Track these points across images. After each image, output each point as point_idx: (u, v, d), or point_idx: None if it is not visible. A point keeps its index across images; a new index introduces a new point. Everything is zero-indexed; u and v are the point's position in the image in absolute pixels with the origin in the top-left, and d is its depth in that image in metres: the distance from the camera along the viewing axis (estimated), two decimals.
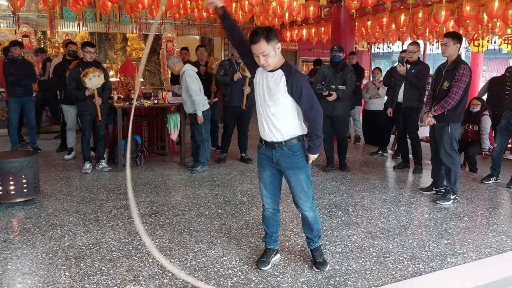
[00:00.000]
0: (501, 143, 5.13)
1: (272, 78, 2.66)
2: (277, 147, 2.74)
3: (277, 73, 2.65)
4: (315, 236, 2.97)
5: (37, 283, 2.71)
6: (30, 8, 9.04)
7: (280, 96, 2.63)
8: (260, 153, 2.87)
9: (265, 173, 2.86)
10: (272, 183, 2.87)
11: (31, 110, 6.56)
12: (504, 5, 6.11)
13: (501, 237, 3.57)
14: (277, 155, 2.76)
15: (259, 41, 2.54)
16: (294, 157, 2.75)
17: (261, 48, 2.55)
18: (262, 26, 2.64)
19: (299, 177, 2.79)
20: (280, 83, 2.62)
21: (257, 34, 2.54)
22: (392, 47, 11.96)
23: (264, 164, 2.85)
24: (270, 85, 2.66)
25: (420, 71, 5.44)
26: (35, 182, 4.25)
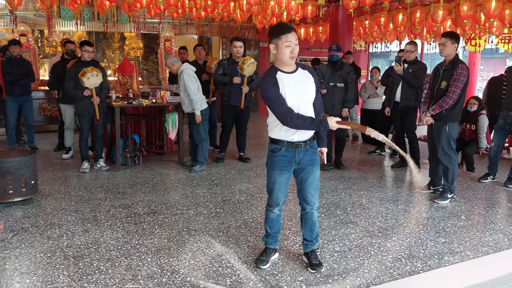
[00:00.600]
0: (498, 142, 5.15)
1: (301, 78, 2.70)
2: (302, 146, 2.75)
3: (301, 72, 2.72)
4: (314, 238, 2.97)
5: (35, 282, 2.71)
6: (27, 7, 9.02)
7: (311, 94, 2.73)
8: (279, 156, 2.77)
9: (283, 176, 2.81)
10: (286, 185, 2.87)
11: (29, 110, 6.55)
12: (501, 5, 6.15)
13: (498, 236, 3.59)
14: (301, 155, 2.76)
15: (292, 30, 2.62)
16: (313, 154, 2.82)
17: (295, 37, 2.63)
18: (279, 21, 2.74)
19: (316, 173, 2.84)
20: (309, 81, 2.72)
21: (287, 25, 2.65)
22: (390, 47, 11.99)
23: (283, 167, 2.78)
24: (304, 84, 2.70)
25: (417, 70, 5.47)
26: (33, 181, 4.24)
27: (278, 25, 2.69)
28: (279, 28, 2.63)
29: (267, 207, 2.94)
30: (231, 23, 10.58)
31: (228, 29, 11.04)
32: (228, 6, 7.29)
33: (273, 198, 2.88)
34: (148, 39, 10.92)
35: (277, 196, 2.86)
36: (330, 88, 5.50)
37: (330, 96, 5.50)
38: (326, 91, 5.48)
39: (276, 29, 2.64)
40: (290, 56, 2.62)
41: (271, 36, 2.66)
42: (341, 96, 5.53)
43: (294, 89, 2.65)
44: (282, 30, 2.60)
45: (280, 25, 2.67)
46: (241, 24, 10.48)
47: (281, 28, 2.62)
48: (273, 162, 2.81)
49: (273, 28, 2.68)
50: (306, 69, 2.77)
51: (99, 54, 10.40)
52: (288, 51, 2.61)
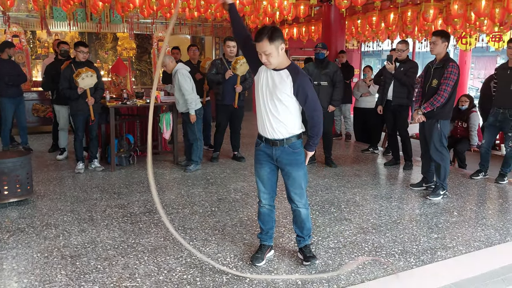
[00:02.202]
0: (489, 139, 5.22)
1: (277, 77, 2.71)
2: (279, 145, 2.79)
3: (283, 73, 2.71)
4: (305, 234, 3.01)
5: (33, 282, 2.73)
6: (19, 8, 8.97)
7: (285, 95, 2.70)
8: (258, 150, 2.89)
9: (263, 169, 2.89)
10: (269, 179, 2.91)
11: (22, 111, 6.53)
12: (491, 4, 6.22)
13: (489, 231, 3.66)
14: (278, 152, 2.81)
15: (262, 40, 2.59)
16: (294, 154, 2.81)
17: (263, 47, 2.60)
18: (268, 25, 2.69)
19: (298, 173, 2.84)
20: (286, 83, 2.69)
21: (261, 34, 2.60)
22: (382, 46, 12.06)
23: (262, 161, 2.88)
24: (275, 83, 2.70)
25: (409, 69, 5.54)
26: (28, 182, 4.24)
27: (259, 29, 2.69)
28: (256, 33, 2.65)
29: (258, 202, 3.01)
30: (224, 23, 10.59)
31: (221, 29, 11.05)
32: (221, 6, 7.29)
33: (258, 192, 2.97)
34: (141, 40, 10.90)
35: (260, 189, 2.94)
36: (315, 86, 5.56)
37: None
38: None
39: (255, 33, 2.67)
40: (263, 62, 2.69)
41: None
42: (326, 94, 5.61)
43: (263, 85, 2.74)
44: (254, 38, 2.65)
45: (257, 32, 2.66)
46: None
47: (256, 34, 2.64)
48: (255, 156, 2.93)
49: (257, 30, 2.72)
50: (292, 72, 2.69)
51: (92, 54, 10.37)
52: (260, 58, 2.68)
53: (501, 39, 9.61)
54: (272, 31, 2.60)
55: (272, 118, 2.75)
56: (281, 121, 2.75)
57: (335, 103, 5.69)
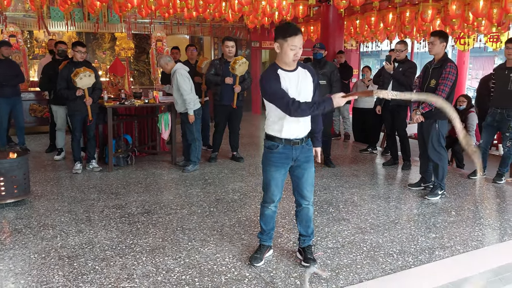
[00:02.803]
0: (487, 139, 5.23)
1: (300, 76, 2.72)
2: (299, 144, 2.79)
3: (301, 71, 2.74)
4: (310, 233, 3.00)
5: (30, 283, 2.71)
6: (16, 7, 8.95)
7: (309, 93, 2.75)
8: (276, 153, 2.80)
9: (279, 173, 2.84)
10: (283, 182, 2.90)
11: (20, 111, 6.51)
12: (488, 4, 6.23)
13: (487, 231, 3.66)
14: (297, 152, 2.80)
15: (301, 33, 2.61)
16: (309, 151, 2.87)
17: (301, 40, 2.63)
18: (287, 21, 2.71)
19: (311, 170, 2.89)
20: (308, 80, 2.74)
21: (297, 27, 2.61)
22: (381, 46, 12.07)
23: (279, 164, 2.82)
24: (304, 83, 2.72)
25: (407, 69, 5.54)
26: (26, 182, 4.23)
27: (287, 25, 2.63)
28: (288, 29, 2.60)
29: (263, 204, 2.97)
30: (222, 23, 10.58)
31: (220, 29, 11.04)
32: (220, 6, 7.29)
33: (269, 195, 2.91)
34: (139, 40, 10.88)
35: (273, 193, 2.89)
36: None
37: None
38: None
39: (284, 30, 2.61)
40: (293, 59, 2.65)
41: (277, 35, 2.65)
42: (324, 93, 5.59)
43: (294, 86, 2.69)
44: (289, 32, 2.58)
45: (290, 26, 2.61)
46: (233, 24, 10.50)
47: (289, 30, 2.59)
48: (270, 159, 2.83)
49: (281, 28, 2.64)
50: (306, 68, 2.79)
51: (90, 54, 10.34)
52: (292, 53, 2.63)
53: (498, 40, 9.63)
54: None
55: (304, 118, 2.75)
56: (306, 120, 2.79)
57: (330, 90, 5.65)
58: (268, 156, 2.85)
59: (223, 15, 7.68)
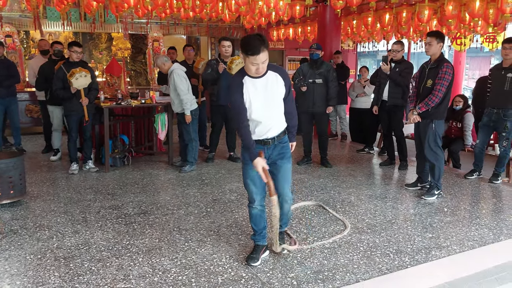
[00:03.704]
0: (483, 139, 5.25)
1: (270, 81, 2.72)
2: (271, 143, 2.83)
3: (271, 75, 2.73)
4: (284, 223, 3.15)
5: (26, 284, 2.70)
6: (12, 7, 8.91)
7: (280, 96, 2.78)
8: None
9: (254, 170, 2.87)
10: (260, 179, 2.89)
11: (15, 112, 6.48)
12: (485, 4, 6.25)
13: (483, 230, 3.67)
14: (270, 150, 2.86)
15: (263, 50, 2.54)
16: (283, 148, 2.90)
17: (263, 57, 2.57)
18: (251, 35, 2.60)
19: (287, 166, 2.93)
20: (279, 84, 2.75)
21: (258, 45, 2.51)
22: (377, 46, 12.09)
23: None
24: (270, 87, 2.72)
25: (404, 69, 5.56)
26: (22, 183, 4.21)
27: (248, 41, 2.56)
28: (248, 46, 2.54)
29: (248, 204, 3.01)
30: (219, 23, 10.57)
31: (217, 29, 11.03)
32: (216, 6, 7.29)
33: (250, 194, 2.96)
34: (136, 40, 10.86)
35: (252, 190, 2.93)
36: (310, 84, 5.66)
37: (310, 92, 5.67)
38: (306, 88, 5.62)
39: (246, 46, 2.56)
40: (255, 73, 2.67)
41: (241, 48, 2.62)
42: (321, 93, 5.65)
43: (261, 92, 2.71)
44: (250, 50, 2.53)
45: (250, 43, 2.54)
46: (230, 24, 10.48)
47: (250, 47, 2.53)
48: (245, 158, 2.90)
49: (244, 43, 2.57)
50: (278, 72, 2.76)
51: (86, 54, 10.31)
52: (254, 68, 2.63)
53: (495, 40, 9.67)
54: (263, 39, 2.57)
55: (269, 121, 2.79)
56: (276, 121, 2.83)
57: (331, 102, 5.71)
58: (243, 155, 2.92)
59: (220, 15, 7.67)
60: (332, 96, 5.69)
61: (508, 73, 4.86)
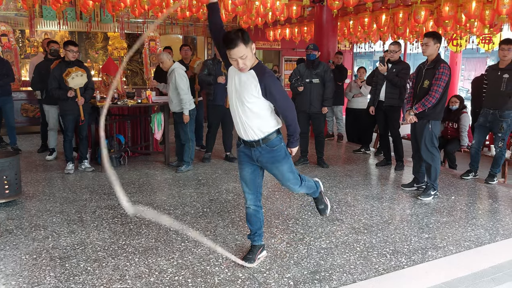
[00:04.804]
0: (479, 139, 5.26)
1: (244, 78, 2.63)
2: (256, 145, 2.75)
3: (249, 73, 2.62)
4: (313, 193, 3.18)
5: (21, 284, 2.68)
6: (8, 6, 8.87)
7: (252, 96, 2.62)
8: (239, 151, 2.88)
9: (245, 170, 2.87)
10: (252, 180, 2.88)
11: (10, 111, 6.45)
12: (481, 6, 6.27)
13: (479, 231, 3.68)
14: (257, 153, 2.77)
15: (238, 45, 2.48)
16: (273, 152, 2.76)
17: (240, 52, 2.50)
18: (234, 29, 2.57)
19: (281, 169, 2.82)
20: (252, 84, 2.60)
21: (234, 38, 2.48)
22: (374, 47, 12.13)
23: (243, 161, 2.86)
24: (242, 85, 2.64)
25: (400, 70, 5.57)
26: (17, 183, 4.18)
27: (226, 34, 2.54)
28: (225, 40, 2.52)
29: (245, 203, 3.00)
30: None
31: None
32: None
33: (243, 192, 2.96)
34: (132, 39, 10.82)
35: (244, 190, 2.93)
36: (307, 84, 5.67)
37: (307, 92, 5.68)
38: (303, 88, 5.62)
39: (223, 39, 2.54)
40: (236, 68, 2.61)
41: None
42: (318, 93, 5.65)
43: (234, 85, 2.69)
44: (226, 43, 2.51)
45: (227, 36, 2.51)
46: (226, 24, 10.46)
47: (226, 41, 2.51)
48: (238, 156, 2.92)
49: (223, 37, 2.57)
50: (257, 71, 2.61)
51: (82, 54, 10.28)
52: (234, 64, 2.59)
53: (491, 41, 9.72)
54: (243, 33, 2.51)
55: (245, 120, 2.69)
56: (253, 122, 2.69)
57: (326, 103, 5.72)
58: (237, 154, 2.93)
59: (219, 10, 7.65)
60: (328, 97, 5.70)
61: (504, 74, 4.88)
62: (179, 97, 5.23)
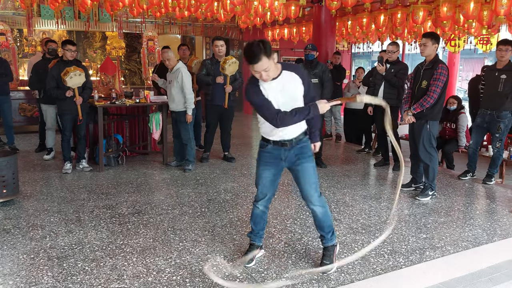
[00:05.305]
0: (477, 140, 5.27)
1: (285, 81, 2.63)
2: (288, 145, 2.76)
3: (286, 75, 2.63)
4: (327, 232, 2.94)
5: (19, 284, 2.68)
6: (6, 5, 8.84)
7: (298, 95, 2.69)
8: (264, 152, 2.82)
9: (268, 172, 2.84)
10: (272, 182, 2.87)
11: (8, 110, 6.43)
12: (479, 6, 6.29)
13: (477, 231, 3.69)
14: (287, 152, 2.78)
15: (261, 59, 2.45)
16: (302, 149, 2.80)
17: (263, 65, 2.47)
18: (254, 41, 2.49)
19: (307, 165, 2.80)
20: (296, 82, 2.66)
21: (257, 53, 2.43)
22: (372, 47, 12.14)
23: (269, 163, 2.82)
24: (290, 88, 2.63)
25: (399, 70, 5.57)
26: (14, 182, 4.17)
27: (247, 49, 2.48)
28: (247, 55, 2.48)
29: (253, 202, 2.98)
30: (214, 22, 10.57)
31: (212, 29, 11.02)
32: (212, 5, 7.28)
33: (257, 193, 2.92)
34: (131, 39, 10.82)
35: (261, 191, 2.90)
36: None
37: None
38: None
39: (245, 54, 2.50)
40: (260, 79, 2.58)
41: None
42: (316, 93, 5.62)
43: (278, 94, 2.63)
44: (248, 58, 2.48)
45: (248, 53, 2.47)
46: (225, 24, 10.49)
47: (248, 56, 2.47)
48: (260, 157, 2.87)
49: (244, 49, 2.52)
50: (292, 70, 2.68)
51: (80, 53, 10.26)
52: (258, 75, 2.56)
53: (488, 42, 9.74)
54: (265, 45, 2.45)
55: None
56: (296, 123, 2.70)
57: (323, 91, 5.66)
58: (259, 154, 2.88)
59: (215, 15, 7.67)
60: (326, 97, 5.68)
61: (502, 75, 4.89)
62: (182, 96, 5.23)
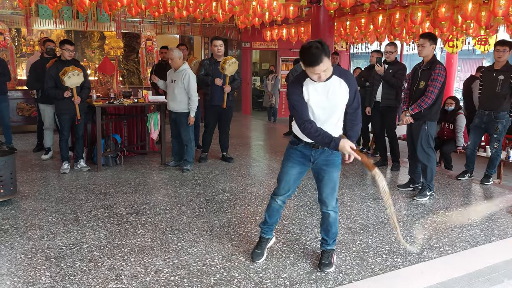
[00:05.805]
0: (475, 140, 5.29)
1: (332, 87, 2.60)
2: (319, 147, 2.75)
3: (335, 80, 2.60)
4: (330, 238, 2.96)
5: (16, 284, 2.67)
6: (4, 5, 8.83)
7: (342, 102, 2.66)
8: (295, 149, 2.83)
9: (294, 169, 2.84)
10: (296, 179, 2.88)
11: (6, 109, 6.41)
12: (477, 7, 6.30)
13: (475, 231, 3.70)
14: (317, 154, 2.77)
15: (323, 61, 2.40)
16: (332, 155, 2.78)
17: (324, 66, 2.43)
18: (313, 43, 2.43)
19: (332, 175, 2.80)
20: (342, 90, 2.62)
21: (318, 55, 2.38)
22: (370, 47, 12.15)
23: (296, 161, 2.83)
24: (334, 94, 2.61)
25: (397, 71, 5.58)
26: (12, 182, 4.16)
27: (307, 52, 2.41)
28: (308, 58, 2.42)
29: (272, 195, 2.98)
30: (213, 22, 10.56)
31: (210, 29, 11.02)
32: (210, 5, 7.28)
33: (279, 188, 2.92)
34: (129, 38, 10.81)
35: (283, 187, 2.90)
36: None
37: None
38: None
39: (305, 57, 2.45)
40: (317, 80, 2.54)
41: (300, 58, 2.51)
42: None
43: (320, 97, 2.61)
44: (309, 62, 2.43)
45: (310, 54, 2.40)
46: (223, 24, 10.48)
47: (309, 60, 2.42)
48: (288, 154, 2.87)
49: (302, 53, 2.46)
50: (343, 77, 2.62)
51: (79, 53, 10.25)
52: (315, 77, 2.52)
53: (487, 42, 9.77)
54: (323, 45, 2.40)
55: (323, 126, 2.64)
56: (331, 127, 2.68)
57: None
58: (288, 150, 2.88)
59: (213, 15, 7.66)
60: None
61: (499, 75, 4.91)
62: (186, 97, 5.23)
